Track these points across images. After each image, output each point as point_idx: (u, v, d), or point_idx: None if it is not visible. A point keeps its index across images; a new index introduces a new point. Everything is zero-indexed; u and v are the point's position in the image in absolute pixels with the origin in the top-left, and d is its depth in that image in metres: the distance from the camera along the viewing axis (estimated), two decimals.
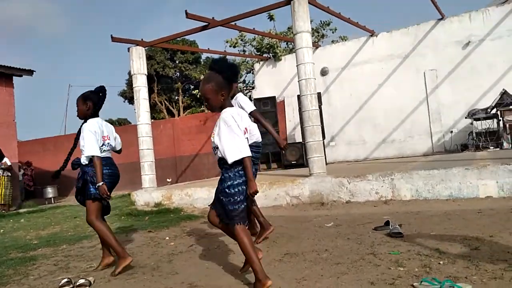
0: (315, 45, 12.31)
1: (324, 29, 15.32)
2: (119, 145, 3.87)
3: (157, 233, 5.14)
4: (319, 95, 8.53)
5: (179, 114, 25.60)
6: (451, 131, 10.24)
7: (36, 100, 61.71)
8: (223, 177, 2.63)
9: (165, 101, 26.48)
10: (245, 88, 16.18)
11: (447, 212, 4.52)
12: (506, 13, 9.77)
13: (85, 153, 3.43)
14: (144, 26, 66.13)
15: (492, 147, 8.85)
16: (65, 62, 74.48)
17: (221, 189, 2.64)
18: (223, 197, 2.62)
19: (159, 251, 4.10)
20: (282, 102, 12.31)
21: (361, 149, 11.36)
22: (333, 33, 15.40)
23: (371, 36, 11.19)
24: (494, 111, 8.89)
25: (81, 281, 3.11)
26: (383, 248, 3.26)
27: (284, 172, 8.61)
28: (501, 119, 8.81)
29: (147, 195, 7.80)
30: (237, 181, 2.57)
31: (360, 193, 5.78)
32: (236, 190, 2.56)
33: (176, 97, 27.03)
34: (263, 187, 6.39)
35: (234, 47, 14.43)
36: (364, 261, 2.96)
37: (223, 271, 3.10)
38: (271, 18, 13.96)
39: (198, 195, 7.06)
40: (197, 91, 15.14)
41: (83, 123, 3.58)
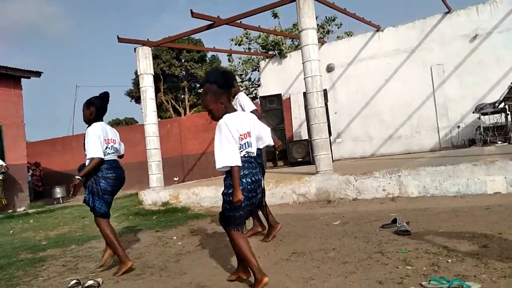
0: (321, 41, 12.26)
1: (329, 25, 15.23)
2: (122, 151, 3.92)
3: (164, 233, 5.17)
4: (325, 92, 8.49)
5: (185, 113, 25.66)
6: (458, 126, 10.15)
7: (43, 101, 62.28)
8: (224, 183, 2.70)
9: (171, 100, 26.54)
10: (250, 86, 16.16)
11: (455, 208, 4.48)
12: None
13: (88, 155, 3.47)
14: (149, 25, 66.39)
15: (500, 142, 8.75)
16: (72, 63, 75.05)
17: (222, 194, 2.71)
18: (222, 202, 2.71)
19: (167, 251, 4.12)
20: (288, 99, 12.27)
21: (368, 146, 11.30)
22: (338, 28, 15.32)
23: (377, 31, 11.09)
24: (502, 105, 8.78)
25: (90, 282, 3.14)
26: (390, 246, 3.25)
27: (290, 170, 8.59)
28: (509, 113, 8.68)
29: (155, 194, 7.84)
30: (229, 191, 2.65)
31: (367, 190, 5.76)
32: (229, 198, 2.64)
33: (182, 96, 27.09)
34: (270, 185, 6.39)
35: (239, 45, 14.41)
36: (371, 260, 2.96)
37: (231, 270, 3.10)
38: (275, 16, 13.90)
39: (205, 194, 7.08)
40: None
41: (87, 128, 3.64)
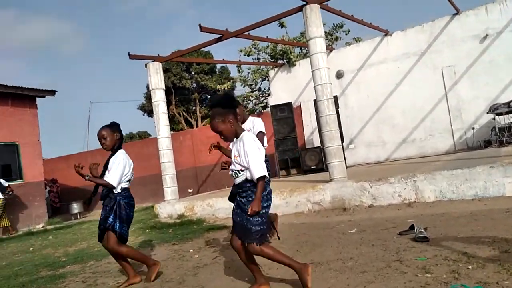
0: (329, 48, 12.27)
1: (337, 32, 15.25)
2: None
3: (181, 246, 5.19)
4: (335, 99, 8.48)
5: (197, 124, 25.85)
6: (473, 128, 10.01)
7: (58, 118, 63.41)
8: (250, 199, 2.73)
9: (183, 112, 26.81)
10: (261, 95, 16.20)
11: (473, 212, 4.42)
12: None
13: (108, 178, 3.51)
14: (159, 39, 67.27)
15: None
16: (85, 79, 76.39)
17: (252, 208, 2.68)
18: (250, 218, 2.70)
19: (184, 264, 4.14)
20: (299, 107, 12.28)
21: (381, 150, 11.21)
22: (346, 35, 15.31)
23: (385, 35, 11.07)
24: None
25: None
26: (409, 254, 3.21)
27: (304, 178, 8.57)
28: None
29: (170, 207, 7.89)
30: (264, 204, 2.74)
31: (383, 196, 5.72)
32: (262, 211, 2.72)
33: (194, 108, 27.34)
34: (284, 194, 6.39)
35: (248, 55, 14.51)
36: (390, 268, 2.93)
37: (249, 283, 3.10)
38: (282, 26, 13.98)
39: (219, 205, 7.10)
40: None
41: (111, 155, 3.64)
